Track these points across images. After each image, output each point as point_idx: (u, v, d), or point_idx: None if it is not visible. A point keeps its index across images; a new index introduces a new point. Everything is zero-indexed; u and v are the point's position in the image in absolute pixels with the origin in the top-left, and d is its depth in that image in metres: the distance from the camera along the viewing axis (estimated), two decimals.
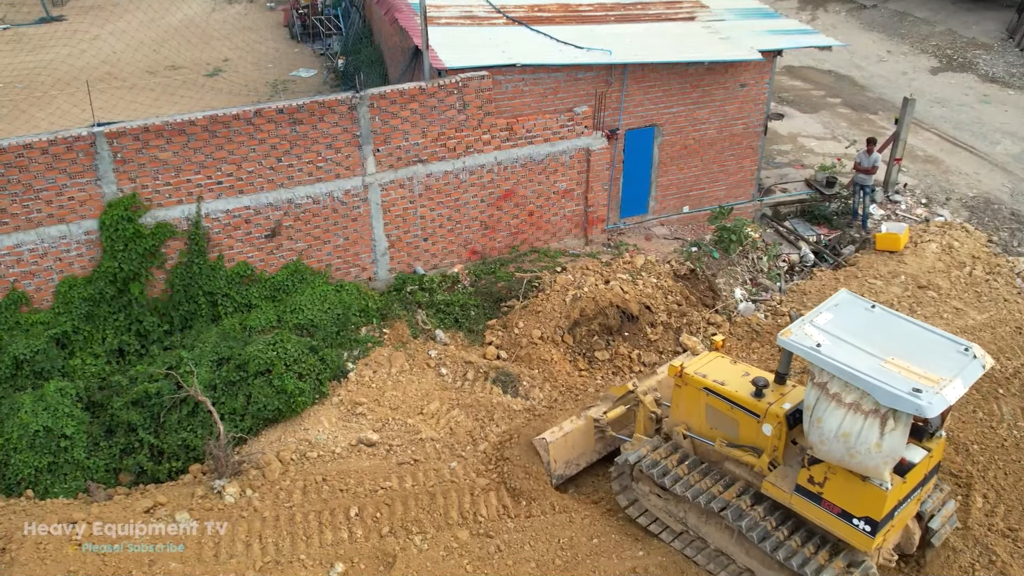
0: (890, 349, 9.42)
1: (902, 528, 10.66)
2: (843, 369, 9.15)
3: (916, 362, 9.23)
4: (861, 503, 9.54)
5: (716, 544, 11.04)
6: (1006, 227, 18.91)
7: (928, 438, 10.05)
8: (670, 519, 11.47)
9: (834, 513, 9.80)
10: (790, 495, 10.15)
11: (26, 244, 13.71)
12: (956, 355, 9.45)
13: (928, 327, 10.02)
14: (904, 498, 9.87)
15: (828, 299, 10.54)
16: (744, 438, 10.72)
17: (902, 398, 8.76)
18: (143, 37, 27.49)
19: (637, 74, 17.10)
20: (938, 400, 8.74)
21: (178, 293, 14.64)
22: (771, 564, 10.42)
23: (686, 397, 11.30)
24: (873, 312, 10.17)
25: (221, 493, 11.74)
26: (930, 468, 10.25)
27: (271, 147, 14.56)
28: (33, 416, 12.20)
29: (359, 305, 15.19)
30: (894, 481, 9.45)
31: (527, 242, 17.31)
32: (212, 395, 12.85)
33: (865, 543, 9.68)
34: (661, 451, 11.46)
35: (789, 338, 9.72)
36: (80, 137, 13.45)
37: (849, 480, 9.55)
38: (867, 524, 9.56)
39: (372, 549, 11.09)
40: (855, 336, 9.64)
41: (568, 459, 12.51)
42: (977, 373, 9.32)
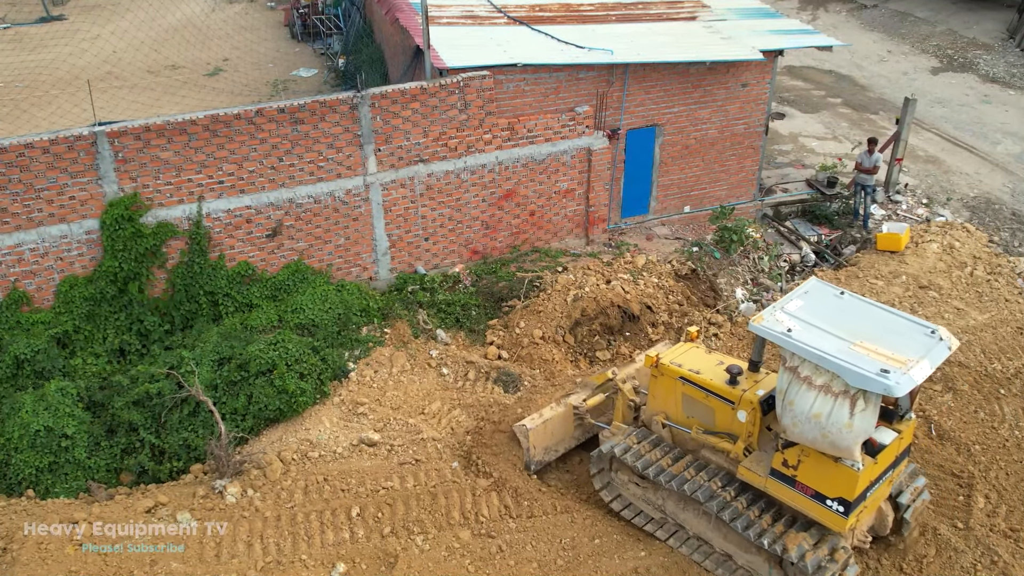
0: (859, 333, 9.64)
1: (875, 510, 10.84)
2: (813, 352, 9.35)
3: (884, 345, 9.44)
4: (834, 484, 9.71)
5: (694, 530, 11.17)
6: (1007, 227, 18.90)
7: (898, 420, 10.23)
8: (649, 507, 11.60)
9: (808, 495, 9.96)
10: (765, 479, 10.31)
11: (27, 243, 13.70)
12: (923, 337, 9.67)
13: (896, 312, 10.24)
14: (876, 479, 10.03)
15: (798, 287, 10.74)
16: (720, 425, 10.89)
17: (870, 379, 8.97)
18: (143, 36, 27.48)
19: (638, 74, 17.09)
20: (905, 380, 8.95)
21: (179, 293, 14.63)
22: (748, 547, 10.57)
23: (662, 386, 11.46)
24: (842, 298, 10.38)
25: (222, 493, 11.72)
26: (901, 450, 10.42)
27: (272, 146, 14.55)
28: (34, 416, 12.18)
29: (360, 305, 15.18)
30: (865, 462, 9.62)
31: (528, 242, 17.30)
32: (213, 395, 12.83)
33: (839, 523, 9.83)
34: (639, 440, 11.56)
35: (760, 324, 9.91)
36: (81, 136, 13.43)
37: (822, 462, 9.71)
38: (840, 505, 9.73)
39: (374, 549, 11.07)
40: (825, 321, 9.84)
41: (547, 446, 12.58)
42: (943, 355, 9.55)
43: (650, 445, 11.46)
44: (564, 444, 12.83)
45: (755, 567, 10.66)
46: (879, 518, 11.03)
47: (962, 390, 13.97)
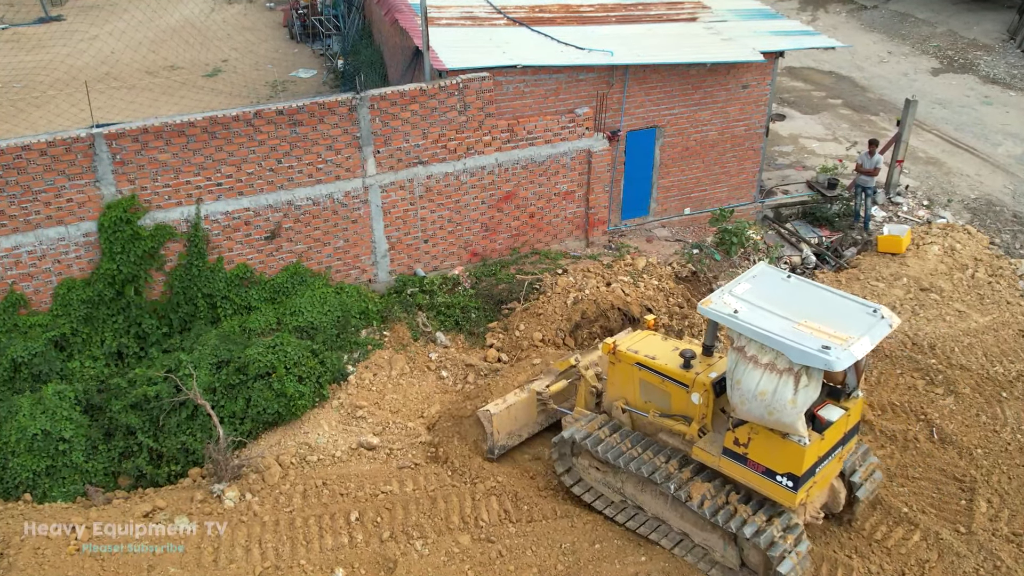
0: (803, 313, 9.94)
1: (827, 488, 11.11)
2: (758, 332, 9.66)
3: (827, 324, 9.73)
4: (783, 460, 9.98)
5: (652, 511, 11.44)
6: (1008, 229, 18.85)
7: (845, 398, 10.51)
8: (609, 491, 11.85)
9: (759, 472, 10.23)
10: (718, 458, 10.59)
11: (24, 246, 13.63)
12: (865, 316, 9.98)
13: (841, 293, 10.52)
14: (824, 455, 10.26)
15: (747, 271, 11.01)
16: (676, 408, 11.15)
17: (812, 355, 9.26)
18: (142, 37, 27.42)
19: (638, 75, 17.03)
20: (846, 355, 9.24)
21: (177, 295, 14.57)
22: (703, 525, 10.86)
23: (620, 373, 11.72)
24: (789, 282, 10.71)
25: (220, 497, 11.66)
26: (849, 427, 10.66)
27: (271, 148, 14.48)
28: (31, 419, 12.11)
29: (359, 307, 15.11)
30: (812, 438, 9.88)
31: (528, 244, 17.24)
32: (212, 398, 12.77)
33: (789, 498, 10.09)
34: (599, 426, 11.80)
35: (709, 307, 10.22)
36: (79, 138, 13.37)
37: (771, 439, 9.99)
38: (789, 480, 9.99)
39: (373, 554, 11.01)
40: (771, 303, 10.16)
41: (510, 431, 12.80)
42: (884, 332, 9.86)
43: (609, 431, 11.70)
44: (528, 429, 13.06)
45: (711, 544, 10.93)
46: (832, 496, 11.28)
47: (964, 393, 13.92)
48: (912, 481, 12.46)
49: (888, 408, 13.72)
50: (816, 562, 11.07)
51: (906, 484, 12.40)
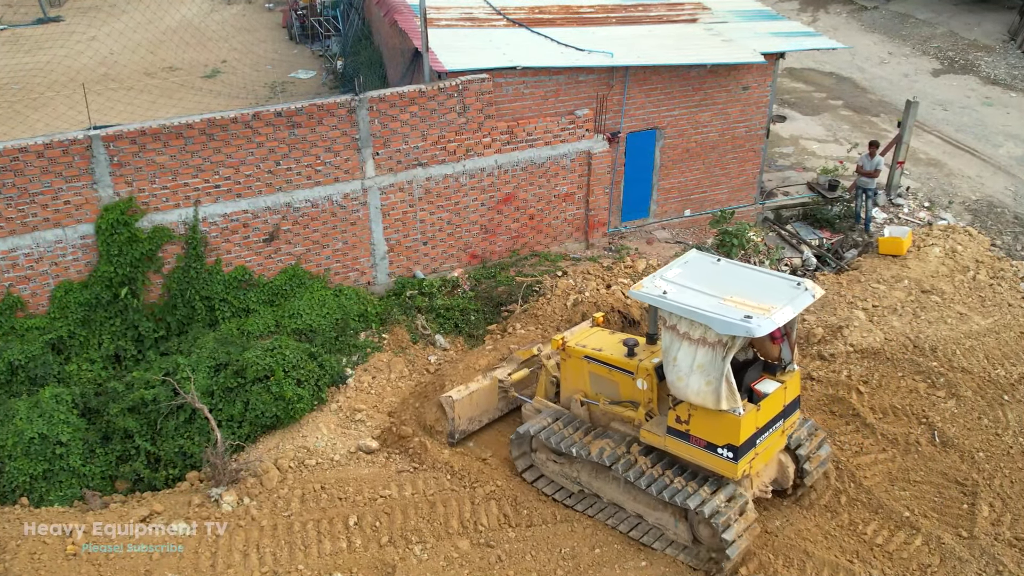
0: (730, 290, 10.50)
1: (774, 463, 11.61)
2: (685, 309, 10.22)
3: (752, 298, 10.30)
4: (721, 432, 10.41)
5: (608, 497, 11.79)
6: (1009, 231, 18.79)
7: (781, 372, 10.98)
8: (566, 481, 12.19)
9: (701, 446, 10.67)
10: (664, 438, 11.03)
11: (21, 248, 13.57)
12: (789, 289, 10.55)
13: (768, 271, 11.14)
14: (763, 428, 10.70)
15: (679, 257, 11.55)
16: (624, 396, 11.65)
17: (734, 324, 9.82)
18: (141, 38, 27.37)
19: (639, 77, 16.97)
20: (766, 323, 9.83)
21: (175, 298, 14.50)
22: (655, 505, 11.24)
23: (571, 368, 12.17)
24: (719, 264, 11.27)
25: (218, 501, 11.59)
26: (788, 401, 11.11)
27: (269, 150, 14.42)
28: (28, 423, 12.05)
29: (358, 310, 15.05)
30: (747, 408, 10.32)
31: (528, 246, 17.17)
32: (210, 401, 12.70)
33: (730, 469, 10.50)
34: (555, 420, 12.20)
35: (640, 290, 10.73)
36: (76, 140, 13.31)
37: (708, 414, 10.42)
38: (729, 451, 10.43)
39: (371, 559, 10.95)
40: (700, 283, 10.72)
41: (471, 416, 13.10)
42: (807, 302, 10.42)
43: (564, 424, 12.10)
44: (488, 415, 13.38)
45: (663, 523, 11.29)
46: (781, 471, 11.74)
47: (965, 396, 13.85)
48: (913, 485, 12.39)
49: (889, 411, 13.66)
50: (817, 567, 11.01)
51: (907, 488, 12.34)
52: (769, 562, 11.04)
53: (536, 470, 12.49)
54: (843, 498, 12.12)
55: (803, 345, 15.31)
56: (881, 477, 12.48)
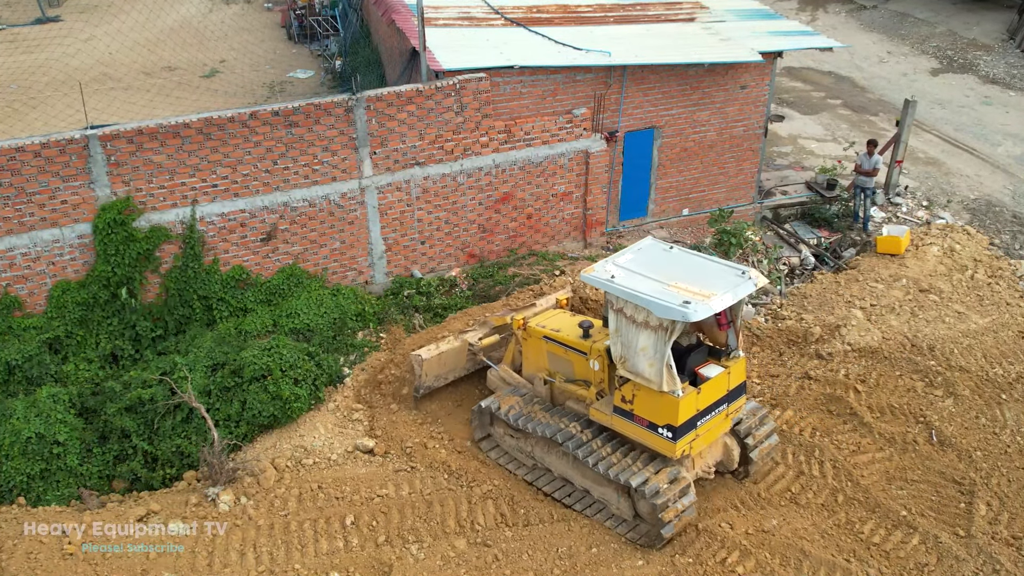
0: (676, 277, 10.86)
1: (719, 445, 12.06)
2: (628, 292, 10.62)
3: (695, 284, 10.66)
4: (662, 413, 10.85)
5: (558, 472, 12.29)
6: (1008, 230, 18.77)
7: (726, 358, 11.39)
8: (521, 455, 12.71)
9: (643, 426, 11.11)
10: (611, 416, 11.50)
11: (19, 248, 13.57)
12: (733, 277, 10.89)
13: (717, 260, 11.49)
14: (704, 410, 11.13)
15: (633, 244, 11.93)
16: (578, 375, 12.24)
17: (673, 309, 10.19)
18: (139, 38, 27.35)
19: (636, 76, 16.96)
20: (703, 308, 10.19)
21: (173, 297, 14.50)
22: (601, 481, 11.68)
23: (531, 347, 12.83)
24: (670, 252, 11.65)
25: (215, 501, 11.59)
26: (733, 386, 11.50)
27: (267, 150, 14.41)
28: (25, 422, 12.05)
29: (356, 309, 15.04)
30: (687, 391, 10.75)
31: (525, 245, 17.17)
32: (207, 401, 12.70)
33: (669, 448, 10.94)
34: (513, 398, 12.68)
35: (591, 274, 11.12)
36: (73, 140, 13.30)
37: (651, 394, 10.86)
38: (669, 431, 10.85)
39: (368, 558, 10.94)
40: (649, 269, 11.10)
41: (438, 374, 13.58)
42: (749, 289, 10.82)
43: (522, 401, 12.60)
44: (454, 373, 13.85)
45: (607, 498, 11.74)
46: (726, 454, 12.18)
47: (963, 395, 13.84)
48: (911, 484, 12.39)
49: (887, 410, 13.66)
50: (814, 566, 11.00)
51: (905, 487, 12.34)
52: (766, 561, 11.04)
53: (492, 441, 13.07)
54: (840, 497, 12.12)
55: (801, 344, 15.32)
56: (878, 476, 12.48)
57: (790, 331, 15.60)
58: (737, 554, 11.13)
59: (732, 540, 11.29)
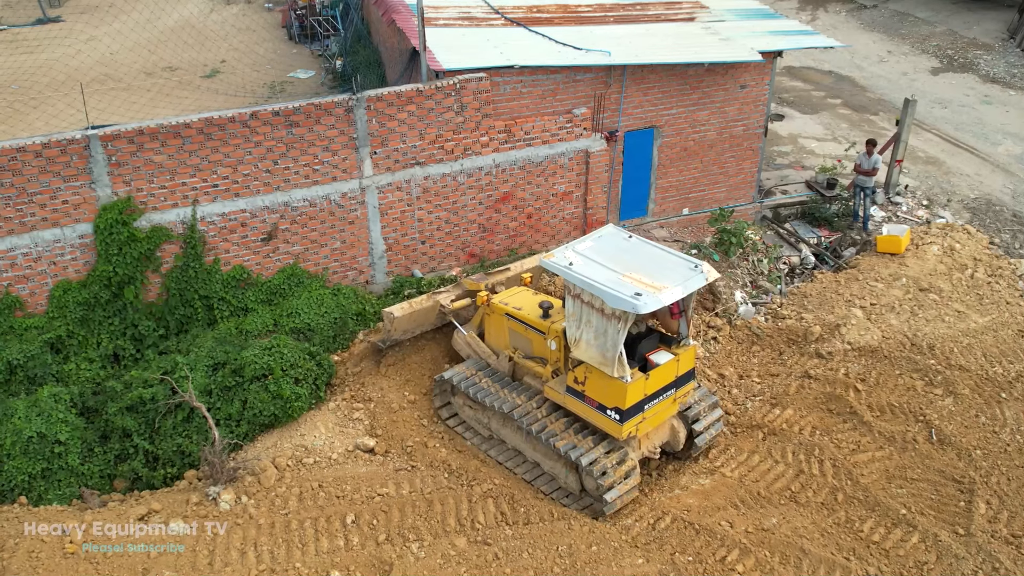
0: (632, 267, 11.23)
1: (666, 428, 12.63)
2: (584, 281, 10.97)
3: (649, 276, 11.02)
4: (610, 396, 11.34)
5: (512, 443, 12.95)
6: (1008, 229, 18.79)
7: (676, 345, 11.88)
8: (479, 426, 13.34)
9: (593, 407, 11.65)
10: (564, 396, 12.05)
11: (20, 248, 13.60)
12: (686, 270, 11.30)
13: (673, 252, 11.82)
14: (652, 395, 11.62)
15: (594, 231, 12.34)
16: (536, 353, 12.76)
17: (624, 300, 10.56)
18: (140, 38, 27.37)
19: (636, 75, 16.98)
20: (653, 300, 10.57)
21: (174, 297, 14.53)
22: (550, 455, 12.34)
23: (493, 322, 13.37)
24: (629, 241, 12.02)
25: (216, 500, 11.62)
26: (682, 372, 12.00)
27: (267, 150, 14.44)
28: (27, 422, 12.08)
29: (356, 309, 15.07)
30: (636, 377, 11.21)
31: (525, 245, 17.19)
32: (208, 400, 12.73)
33: (616, 430, 11.50)
34: (475, 371, 13.29)
35: (549, 260, 11.50)
36: (74, 140, 13.33)
37: (602, 377, 11.34)
38: (616, 413, 11.38)
39: (368, 557, 10.97)
40: (607, 258, 11.43)
41: (406, 328, 14.12)
42: (699, 283, 11.21)
43: (483, 374, 13.19)
44: (421, 328, 14.36)
45: (556, 472, 12.41)
46: (672, 436, 12.78)
47: (963, 394, 13.86)
48: (911, 482, 12.41)
49: (887, 409, 13.68)
50: (813, 564, 11.03)
51: (904, 485, 12.36)
52: (766, 559, 11.06)
53: (451, 410, 13.68)
54: (840, 495, 12.14)
55: (800, 343, 15.34)
56: (878, 475, 12.50)
57: (790, 330, 15.62)
58: (737, 552, 11.16)
59: (732, 538, 11.33)
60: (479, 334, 13.88)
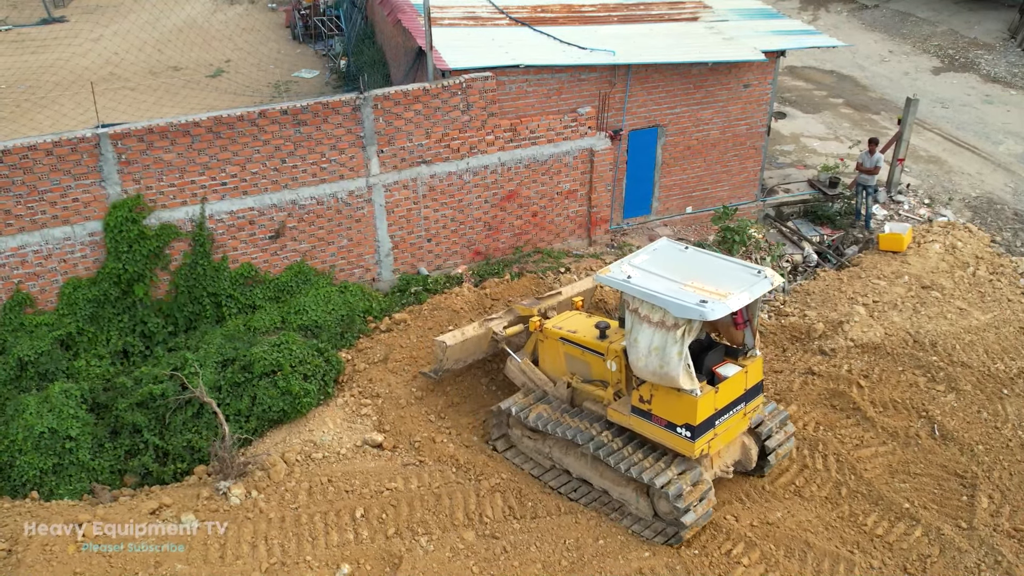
0: (693, 276, 10.88)
1: (737, 445, 12.03)
2: (645, 292, 10.60)
3: (712, 283, 10.68)
4: (680, 412, 10.83)
5: (577, 473, 12.30)
6: (1009, 227, 18.90)
7: (743, 357, 11.43)
8: (539, 457, 12.73)
9: (662, 425, 11.11)
10: (629, 417, 11.50)
11: (30, 245, 13.71)
12: (749, 276, 10.92)
13: (734, 260, 11.50)
14: (723, 410, 11.10)
15: (648, 245, 11.94)
16: (595, 376, 12.25)
17: (690, 308, 10.21)
18: (145, 38, 27.49)
19: (640, 75, 17.10)
20: (720, 307, 10.22)
21: (182, 294, 14.64)
22: (619, 481, 11.72)
23: (548, 348, 12.85)
24: (686, 252, 11.68)
25: (226, 495, 11.72)
26: (750, 385, 11.49)
27: (275, 148, 14.56)
28: (38, 418, 12.18)
29: (363, 306, 15.19)
30: (705, 390, 10.72)
31: (530, 243, 17.30)
32: (217, 396, 12.84)
33: (688, 448, 10.93)
34: (532, 400, 12.72)
35: (606, 275, 11.16)
36: (84, 138, 13.45)
37: (668, 393, 10.86)
38: (687, 430, 10.84)
39: (378, 550, 11.08)
40: (665, 270, 11.11)
41: (459, 358, 13.55)
42: (765, 288, 10.85)
43: (541, 402, 12.62)
44: (473, 356, 13.80)
45: (626, 498, 11.77)
46: (743, 453, 12.15)
47: (965, 390, 13.97)
48: (914, 477, 12.52)
49: (890, 405, 13.79)
50: (818, 558, 11.14)
51: (907, 480, 12.47)
52: (770, 552, 11.17)
53: (508, 442, 13.12)
54: (844, 490, 12.25)
55: (804, 340, 15.44)
56: (881, 469, 12.61)
57: (793, 327, 15.74)
58: (742, 546, 11.27)
59: (737, 532, 11.44)
60: (533, 360, 13.32)
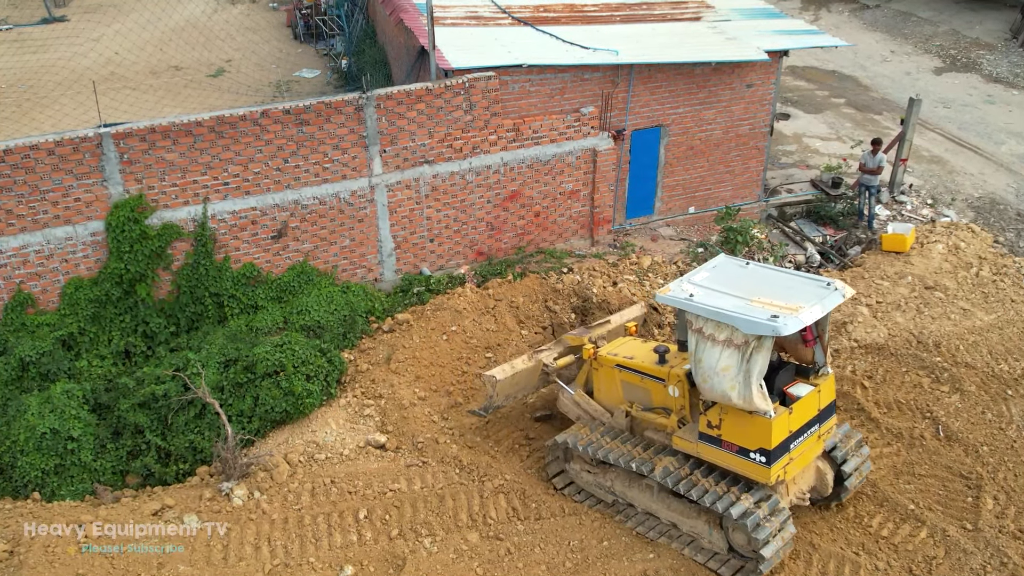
0: (758, 292, 10.38)
1: (811, 470, 11.35)
2: (711, 310, 10.08)
3: (780, 298, 10.17)
4: (753, 436, 10.25)
5: (642, 506, 11.69)
6: (1012, 227, 18.87)
7: (815, 375, 10.88)
8: (600, 491, 12.13)
9: (733, 451, 10.50)
10: (696, 444, 10.89)
11: (32, 245, 13.67)
12: (818, 289, 10.44)
13: (799, 274, 11.12)
14: (797, 432, 10.53)
15: (707, 263, 11.53)
16: (656, 403, 11.59)
17: (761, 324, 9.67)
18: (146, 38, 27.47)
19: (643, 74, 17.06)
20: (793, 321, 9.69)
21: (184, 294, 14.60)
22: (689, 513, 11.12)
23: (603, 377, 12.20)
24: (747, 268, 11.20)
25: (229, 495, 11.69)
26: (823, 406, 10.94)
27: (277, 148, 14.52)
28: (40, 418, 12.15)
29: (366, 306, 15.15)
30: (778, 412, 10.17)
31: (533, 243, 17.27)
32: (220, 397, 12.80)
33: (763, 474, 10.32)
34: (590, 431, 12.15)
35: (667, 294, 10.64)
36: (86, 138, 13.40)
37: (740, 417, 10.27)
38: (762, 455, 10.25)
39: (381, 551, 11.05)
40: (727, 286, 10.60)
41: (508, 394, 12.97)
42: (836, 300, 10.30)
43: (598, 433, 12.02)
44: (523, 391, 13.23)
45: (697, 531, 11.14)
46: (819, 478, 11.50)
47: (969, 391, 13.95)
48: (918, 478, 12.49)
49: (894, 406, 13.76)
50: (823, 559, 11.10)
51: (912, 481, 12.44)
52: None
53: (567, 477, 12.45)
54: None
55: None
56: (886, 471, 12.59)
57: None
58: None
59: None
60: (586, 391, 12.70)
